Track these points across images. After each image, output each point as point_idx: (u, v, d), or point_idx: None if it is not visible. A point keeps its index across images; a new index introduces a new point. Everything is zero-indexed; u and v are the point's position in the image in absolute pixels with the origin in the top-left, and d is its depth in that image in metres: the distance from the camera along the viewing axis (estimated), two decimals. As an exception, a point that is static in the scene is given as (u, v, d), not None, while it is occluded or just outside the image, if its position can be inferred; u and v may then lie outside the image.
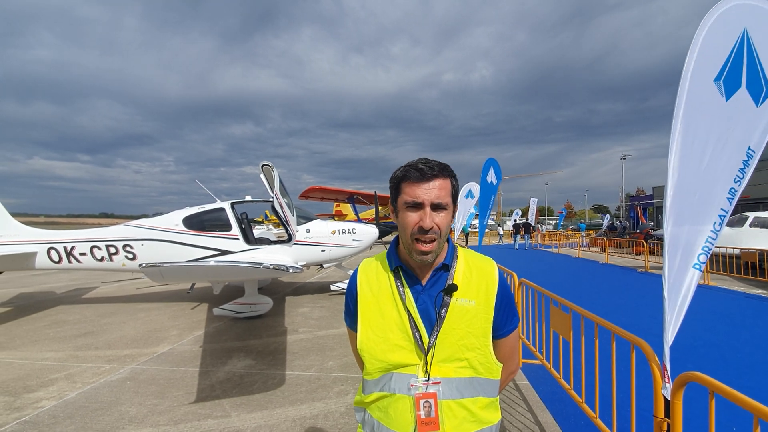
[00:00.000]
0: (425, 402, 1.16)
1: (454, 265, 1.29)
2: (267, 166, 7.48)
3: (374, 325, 1.27)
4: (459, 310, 1.23)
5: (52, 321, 7.34)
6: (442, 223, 1.21)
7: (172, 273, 5.20)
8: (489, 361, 1.24)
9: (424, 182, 1.20)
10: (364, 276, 1.35)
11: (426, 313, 1.24)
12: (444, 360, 1.20)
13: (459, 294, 1.24)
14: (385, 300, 1.28)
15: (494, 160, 8.61)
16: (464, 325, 1.22)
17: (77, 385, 4.39)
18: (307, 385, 4.28)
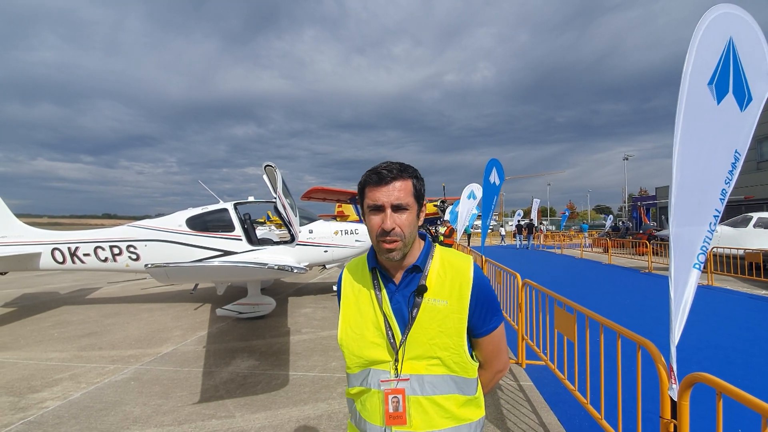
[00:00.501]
0: (393, 397, 1.21)
1: (428, 266, 1.31)
2: (270, 167, 7.51)
3: (352, 323, 1.33)
4: (430, 311, 1.25)
5: (56, 321, 7.37)
6: (404, 223, 1.24)
7: (178, 273, 5.21)
8: (464, 360, 1.25)
9: (383, 185, 1.24)
10: (348, 276, 1.42)
11: (400, 312, 1.28)
12: (415, 358, 1.23)
13: (430, 294, 1.26)
14: (363, 299, 1.34)
15: (497, 160, 8.60)
16: (435, 325, 1.24)
17: (82, 386, 4.41)
18: (311, 386, 4.28)
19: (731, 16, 2.11)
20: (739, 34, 2.14)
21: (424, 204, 1.33)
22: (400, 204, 1.23)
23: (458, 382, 1.25)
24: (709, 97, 2.12)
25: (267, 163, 7.51)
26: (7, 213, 8.09)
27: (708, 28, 2.10)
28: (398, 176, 1.25)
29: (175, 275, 5.38)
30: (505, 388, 4.17)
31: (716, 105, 2.13)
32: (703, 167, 2.16)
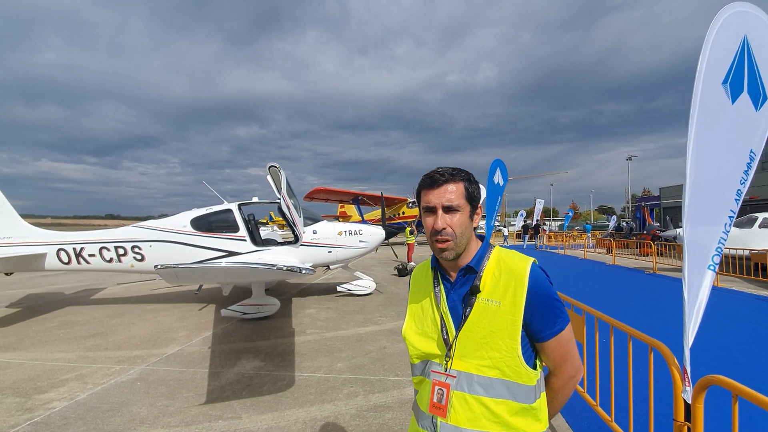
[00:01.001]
0: (439, 389, 1.28)
1: (483, 266, 1.33)
2: (274, 168, 7.50)
3: (415, 317, 1.43)
4: (483, 311, 1.27)
5: (62, 322, 7.39)
6: (455, 224, 1.29)
7: (187, 274, 5.23)
8: (517, 364, 1.23)
9: (435, 188, 1.31)
10: (416, 274, 1.54)
11: (455, 310, 1.33)
12: (465, 356, 1.26)
13: (484, 294, 1.29)
14: (425, 296, 1.43)
15: (501, 161, 8.57)
16: (487, 325, 1.26)
17: (88, 386, 4.41)
18: (317, 387, 4.27)
19: (746, 15, 2.09)
20: (754, 33, 2.12)
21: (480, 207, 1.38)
22: (450, 205, 1.29)
23: (511, 388, 1.23)
24: (724, 96, 2.10)
25: (271, 164, 7.50)
26: (13, 214, 8.12)
27: (722, 26, 2.08)
28: (450, 179, 1.31)
29: (185, 276, 5.40)
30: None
31: (731, 104, 2.11)
32: (717, 167, 2.13)
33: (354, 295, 9.34)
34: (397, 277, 12.59)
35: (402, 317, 7.21)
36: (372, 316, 7.44)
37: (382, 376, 4.52)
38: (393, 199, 30.22)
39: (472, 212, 1.34)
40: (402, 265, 13.09)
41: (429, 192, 1.32)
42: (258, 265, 5.03)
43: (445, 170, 1.33)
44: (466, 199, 1.32)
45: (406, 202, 30.23)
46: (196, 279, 6.58)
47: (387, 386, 4.25)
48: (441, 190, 1.30)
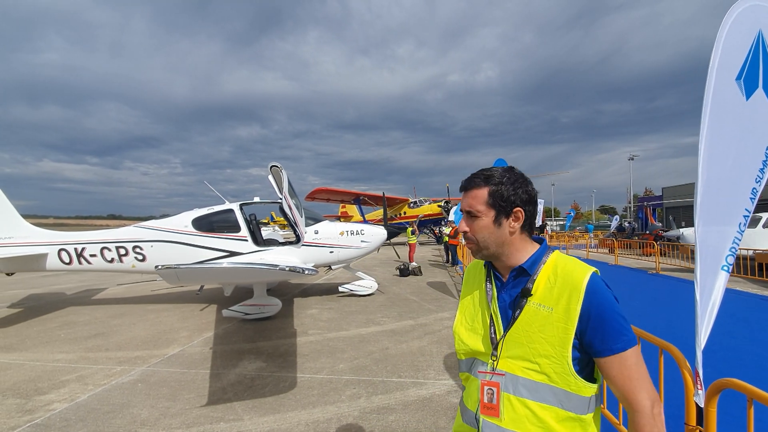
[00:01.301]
0: (488, 389, 1.27)
1: (538, 270, 1.31)
2: (276, 168, 7.47)
3: (466, 313, 1.44)
4: (533, 314, 1.25)
5: (63, 322, 7.36)
6: (474, 228, 1.33)
7: (188, 275, 5.16)
8: (566, 372, 1.19)
9: (464, 192, 1.38)
10: (471, 269, 1.55)
11: (504, 310, 1.32)
12: (513, 357, 1.25)
13: (536, 298, 1.27)
14: (477, 292, 1.44)
15: (503, 160, 8.53)
16: (536, 329, 1.24)
17: (89, 387, 4.38)
18: (319, 389, 4.23)
19: (760, 9, 2.03)
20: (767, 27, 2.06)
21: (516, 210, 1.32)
22: (470, 211, 1.34)
23: (558, 395, 1.20)
24: (738, 92, 2.05)
25: (273, 164, 7.47)
26: (14, 214, 8.10)
27: (735, 21, 2.03)
28: (475, 185, 1.35)
29: (186, 276, 5.32)
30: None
31: (745, 101, 2.06)
32: (731, 165, 2.08)
33: (356, 296, 9.30)
34: (398, 277, 12.55)
35: (403, 318, 7.24)
36: (374, 316, 7.40)
37: (384, 378, 4.47)
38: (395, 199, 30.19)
39: (499, 217, 1.32)
40: (404, 265, 13.04)
41: (463, 195, 1.39)
42: (260, 265, 4.96)
43: (478, 174, 1.36)
44: (489, 204, 1.32)
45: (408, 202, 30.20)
46: (197, 279, 6.50)
47: (390, 388, 4.21)
48: (468, 195, 1.35)
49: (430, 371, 4.65)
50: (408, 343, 5.74)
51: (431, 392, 4.08)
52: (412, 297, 9.24)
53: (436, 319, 7.08)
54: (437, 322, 6.92)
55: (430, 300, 8.85)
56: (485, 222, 1.32)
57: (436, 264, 16.51)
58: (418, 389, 4.16)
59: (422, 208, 29.09)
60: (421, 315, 7.44)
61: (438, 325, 6.71)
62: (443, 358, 5.05)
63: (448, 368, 4.72)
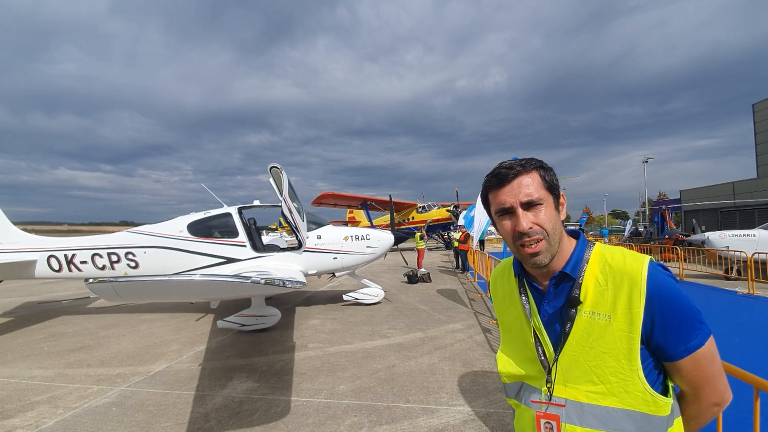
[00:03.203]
0: (546, 422, 1.07)
1: (582, 271, 1.08)
2: (275, 169, 7.01)
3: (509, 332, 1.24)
4: (588, 326, 1.04)
5: (50, 333, 6.94)
6: (543, 220, 1.08)
7: (131, 290, 3.89)
8: (640, 390, 0.99)
9: (506, 185, 1.11)
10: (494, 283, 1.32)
11: (551, 325, 1.11)
12: (572, 381, 1.05)
13: (587, 306, 1.05)
14: (511, 309, 1.22)
15: (519, 159, 7.96)
16: (595, 344, 1.03)
17: (58, 411, 3.89)
18: (315, 416, 3.68)
19: None
20: None
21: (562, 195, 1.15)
22: (531, 200, 1.08)
23: (636, 420, 0.99)
24: None
25: (272, 165, 7.02)
26: (2, 219, 7.74)
27: None
28: (521, 171, 1.10)
29: (128, 292, 3.95)
30: None
31: None
32: None
33: (361, 305, 8.76)
34: (406, 284, 11.97)
35: (412, 330, 6.66)
36: (380, 327, 6.84)
37: (390, 402, 3.92)
38: (402, 204, 29.65)
39: (556, 203, 1.12)
40: (412, 271, 12.47)
41: (499, 191, 1.12)
42: (224, 278, 3.97)
43: (513, 162, 1.13)
44: (546, 189, 1.10)
45: (416, 207, 29.64)
46: (145, 296, 5.00)
47: (396, 416, 3.65)
48: (514, 186, 1.09)
49: (442, 394, 4.08)
50: (417, 359, 5.18)
51: (444, 422, 3.51)
52: (421, 306, 8.67)
53: (448, 332, 6.50)
54: (449, 334, 6.34)
55: (441, 309, 8.27)
56: (550, 210, 1.09)
57: (445, 270, 15.90)
58: (429, 417, 3.59)
59: (431, 212, 28.51)
60: (431, 326, 6.86)
61: (450, 338, 6.13)
62: (457, 379, 4.48)
63: (462, 391, 4.15)
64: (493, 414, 3.61)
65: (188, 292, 4.63)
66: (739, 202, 27.90)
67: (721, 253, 12.40)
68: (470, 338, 6.09)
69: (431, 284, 11.96)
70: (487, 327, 6.73)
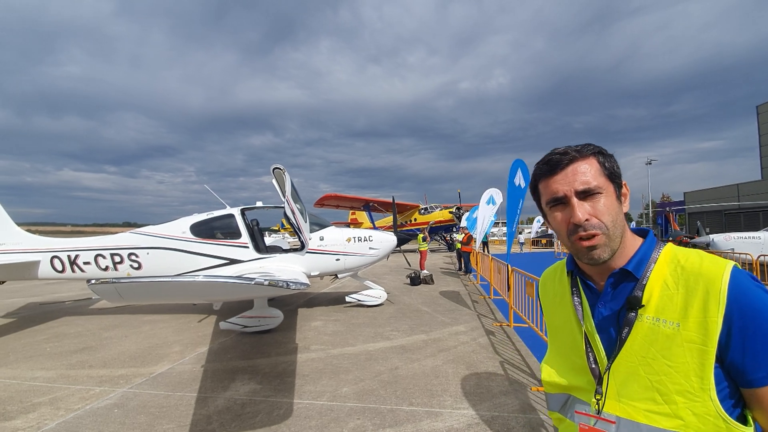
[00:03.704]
0: None
1: (648, 270, 0.96)
2: (278, 170, 7.01)
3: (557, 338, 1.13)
4: (650, 334, 0.91)
5: (53, 334, 6.94)
6: (601, 210, 0.96)
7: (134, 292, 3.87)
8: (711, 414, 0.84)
9: (559, 172, 1.00)
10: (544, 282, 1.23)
11: (605, 330, 0.99)
12: (628, 396, 0.92)
13: (651, 311, 0.92)
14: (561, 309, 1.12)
15: (522, 161, 7.91)
16: (658, 355, 0.89)
17: (60, 413, 3.87)
18: (318, 419, 3.65)
19: None
20: None
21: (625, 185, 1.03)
22: (588, 188, 0.96)
23: None
24: None
25: (275, 166, 7.01)
26: (6, 219, 7.75)
27: None
28: (576, 156, 0.99)
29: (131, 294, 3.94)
30: (548, 424, 3.47)
31: None
32: None
33: (364, 306, 8.73)
34: (409, 286, 11.93)
35: (415, 332, 6.62)
36: (383, 329, 6.81)
37: (393, 405, 3.88)
38: (405, 206, 29.63)
39: (618, 192, 1.00)
40: (415, 273, 12.43)
41: (551, 179, 1.00)
42: (229, 279, 4.02)
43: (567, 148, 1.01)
44: (606, 176, 0.99)
45: (419, 209, 29.61)
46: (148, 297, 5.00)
47: (400, 419, 3.61)
48: (569, 173, 0.98)
49: (446, 397, 4.04)
50: (420, 361, 5.14)
51: (448, 425, 3.47)
52: (423, 308, 8.63)
53: (451, 334, 6.46)
54: (452, 336, 6.30)
55: (444, 311, 8.23)
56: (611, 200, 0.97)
57: (448, 272, 15.85)
58: (433, 421, 3.55)
59: (433, 214, 28.48)
60: (434, 328, 6.82)
61: (453, 340, 6.09)
62: (460, 381, 4.44)
63: (466, 394, 4.11)
64: (498, 418, 3.57)
65: (191, 293, 4.60)
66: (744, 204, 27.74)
67: (726, 255, 12.32)
68: (474, 341, 6.05)
69: (434, 286, 11.92)
70: (490, 329, 6.69)
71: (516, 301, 7.03)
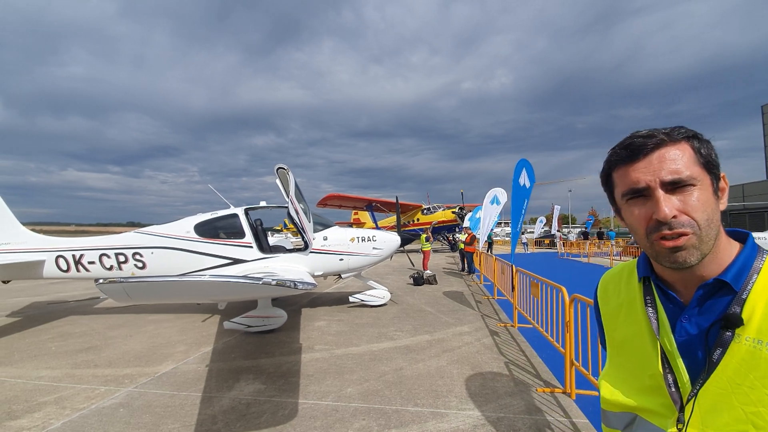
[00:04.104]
0: None
1: (750, 283, 0.81)
2: (282, 170, 7.02)
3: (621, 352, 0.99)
4: (747, 357, 0.78)
5: (58, 333, 6.96)
6: (694, 206, 0.80)
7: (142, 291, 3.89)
8: None
9: (642, 159, 0.85)
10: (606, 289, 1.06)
11: (690, 349, 0.85)
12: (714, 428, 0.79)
13: (752, 331, 0.78)
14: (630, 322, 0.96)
15: (526, 161, 7.88)
16: (758, 383, 0.76)
17: (65, 412, 3.88)
18: (323, 419, 3.64)
19: None
20: None
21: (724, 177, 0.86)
22: (678, 179, 0.81)
23: None
24: None
25: (279, 166, 7.03)
26: (11, 219, 7.79)
27: None
28: (665, 140, 0.84)
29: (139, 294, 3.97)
30: (554, 426, 3.45)
31: None
32: None
33: (367, 306, 8.72)
34: (412, 286, 11.91)
35: (419, 332, 6.61)
36: (387, 330, 6.79)
37: (399, 406, 3.87)
38: (408, 206, 29.60)
39: (715, 186, 0.84)
40: (418, 273, 12.41)
41: (631, 167, 0.86)
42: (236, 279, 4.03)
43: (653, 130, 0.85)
44: (702, 166, 0.83)
45: (421, 209, 29.58)
46: (156, 297, 5.02)
47: (405, 419, 3.60)
48: (654, 160, 0.83)
49: (451, 398, 4.02)
50: (425, 362, 5.13)
51: (454, 426, 3.45)
52: (427, 308, 8.61)
53: (455, 334, 6.44)
54: (456, 337, 6.28)
55: (448, 312, 8.21)
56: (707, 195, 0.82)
57: (451, 272, 15.82)
58: (439, 422, 3.54)
59: (436, 214, 28.43)
60: (438, 329, 6.81)
61: (457, 341, 6.07)
62: (465, 382, 4.42)
63: (471, 395, 4.09)
64: (503, 419, 3.55)
65: (198, 293, 4.62)
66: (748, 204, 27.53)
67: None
68: (478, 341, 6.03)
69: (437, 286, 11.90)
70: (494, 330, 6.66)
71: (520, 301, 7.00)
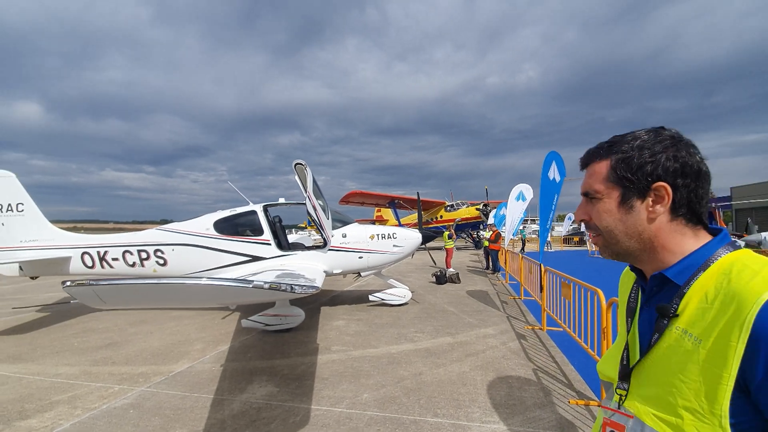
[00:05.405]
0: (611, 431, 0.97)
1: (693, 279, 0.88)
2: (300, 165, 6.84)
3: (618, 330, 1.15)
4: (674, 344, 0.86)
5: (81, 329, 7.06)
6: (596, 215, 1.00)
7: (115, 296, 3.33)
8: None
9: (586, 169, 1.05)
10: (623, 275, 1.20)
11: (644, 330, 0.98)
12: (643, 398, 0.91)
13: (683, 322, 0.86)
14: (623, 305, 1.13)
15: (557, 153, 7.42)
16: (675, 368, 0.84)
17: (76, 412, 3.82)
18: (335, 427, 3.42)
19: None
20: None
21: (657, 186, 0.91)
22: (586, 191, 1.02)
23: None
24: None
25: (297, 161, 6.85)
26: (40, 216, 7.97)
27: None
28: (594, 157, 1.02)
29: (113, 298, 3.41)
30: (591, 444, 3.09)
31: None
32: None
33: (387, 305, 8.47)
34: (435, 284, 11.58)
35: (440, 333, 6.29)
36: (407, 330, 6.53)
37: (417, 416, 3.60)
38: (431, 203, 29.17)
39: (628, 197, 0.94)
40: (441, 271, 12.06)
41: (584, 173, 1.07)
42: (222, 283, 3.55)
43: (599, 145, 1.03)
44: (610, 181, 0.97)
45: (444, 205, 29.08)
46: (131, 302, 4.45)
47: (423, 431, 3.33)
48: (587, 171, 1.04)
49: (474, 408, 3.72)
50: (446, 367, 4.83)
51: (477, 441, 3.16)
52: (449, 308, 8.28)
53: (479, 337, 6.11)
54: (480, 340, 5.94)
55: (471, 312, 7.86)
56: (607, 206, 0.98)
57: (475, 270, 15.38)
58: (460, 435, 3.25)
59: (459, 211, 27.88)
60: (460, 330, 6.48)
61: (481, 344, 5.74)
62: (490, 391, 4.10)
63: (496, 405, 3.77)
64: (532, 434, 3.23)
65: (182, 298, 4.34)
66: (798, 200, 25.61)
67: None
68: (503, 345, 5.68)
69: (460, 285, 11.52)
70: (521, 333, 6.28)
71: (549, 302, 6.58)
